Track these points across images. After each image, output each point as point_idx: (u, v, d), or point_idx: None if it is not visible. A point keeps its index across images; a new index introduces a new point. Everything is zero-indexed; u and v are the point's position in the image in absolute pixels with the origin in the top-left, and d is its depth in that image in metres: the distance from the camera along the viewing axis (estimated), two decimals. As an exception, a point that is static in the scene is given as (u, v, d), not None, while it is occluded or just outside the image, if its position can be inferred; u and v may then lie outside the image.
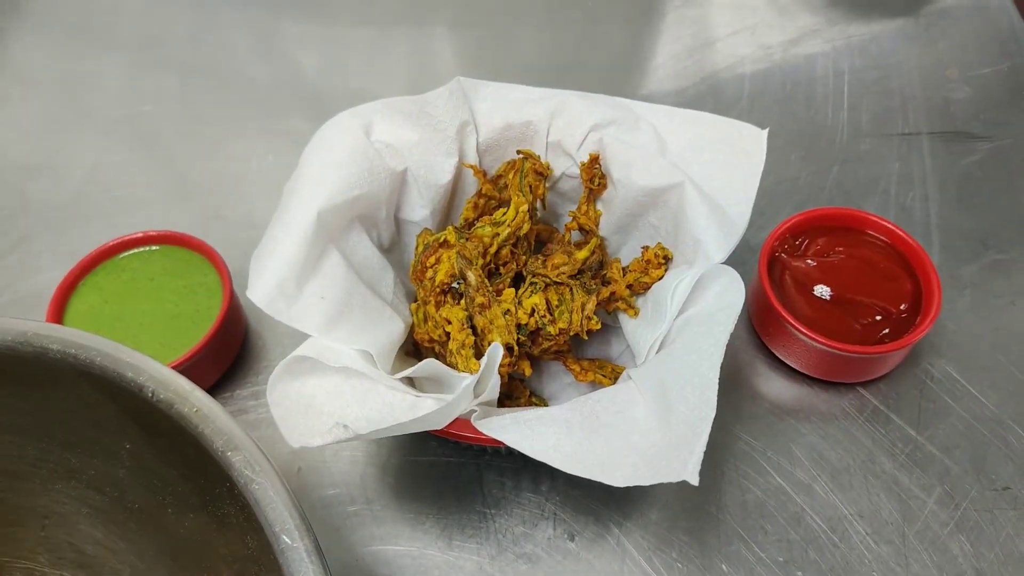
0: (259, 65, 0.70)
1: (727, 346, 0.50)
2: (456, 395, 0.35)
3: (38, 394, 0.35)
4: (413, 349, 0.46)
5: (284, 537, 0.29)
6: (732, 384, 0.48)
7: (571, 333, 0.42)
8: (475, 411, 0.37)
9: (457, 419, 0.38)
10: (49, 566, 0.39)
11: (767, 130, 0.44)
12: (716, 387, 0.34)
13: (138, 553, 0.37)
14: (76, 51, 0.72)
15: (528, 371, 0.43)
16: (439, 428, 0.38)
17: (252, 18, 0.74)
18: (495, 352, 0.37)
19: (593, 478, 0.34)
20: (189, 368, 0.44)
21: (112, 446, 0.35)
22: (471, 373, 0.38)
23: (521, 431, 0.36)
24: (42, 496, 0.38)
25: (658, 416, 0.35)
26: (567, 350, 0.45)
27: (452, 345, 0.41)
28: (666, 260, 0.43)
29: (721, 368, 0.48)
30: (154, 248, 0.50)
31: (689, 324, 0.38)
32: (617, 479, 0.33)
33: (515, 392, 0.45)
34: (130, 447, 0.35)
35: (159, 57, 0.71)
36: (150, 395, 0.32)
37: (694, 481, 0.32)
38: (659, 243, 0.44)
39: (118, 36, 0.73)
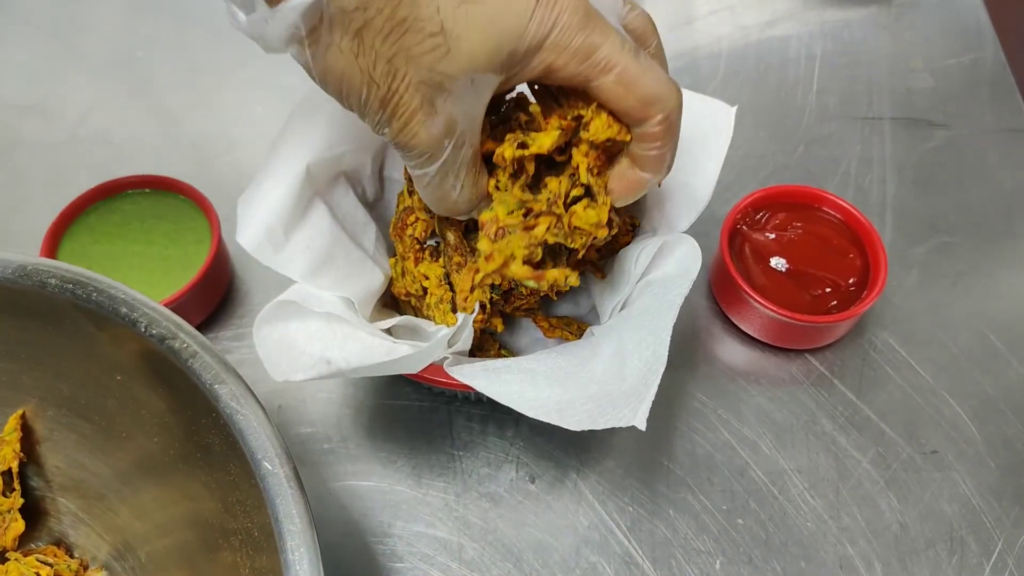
0: (251, 17, 0.71)
1: (688, 311, 0.53)
2: (432, 343, 0.38)
3: (35, 325, 0.37)
4: (391, 301, 0.49)
5: (265, 463, 0.32)
6: (690, 346, 0.51)
7: (542, 293, 0.45)
8: (447, 359, 0.40)
9: (431, 365, 0.41)
10: (37, 490, 0.41)
11: (735, 107, 0.46)
12: (667, 344, 0.37)
13: (122, 479, 0.40)
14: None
15: (500, 327, 0.46)
16: (414, 372, 0.40)
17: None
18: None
19: (551, 421, 0.37)
20: (175, 309, 0.46)
21: (103, 377, 0.37)
22: (448, 326, 0.41)
23: (489, 378, 0.39)
24: (34, 422, 0.40)
25: (614, 369, 0.38)
26: (537, 308, 0.48)
27: (430, 300, 0.44)
28: (633, 228, 0.46)
29: (680, 331, 0.52)
30: (146, 192, 0.51)
31: (649, 287, 0.41)
32: (573, 423, 0.36)
33: (486, 345, 0.48)
34: (120, 378, 0.37)
35: (154, 3, 0.71)
36: (143, 329, 0.34)
37: (641, 426, 0.35)
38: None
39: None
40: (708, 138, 0.46)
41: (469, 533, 0.44)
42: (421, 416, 0.48)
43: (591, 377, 0.39)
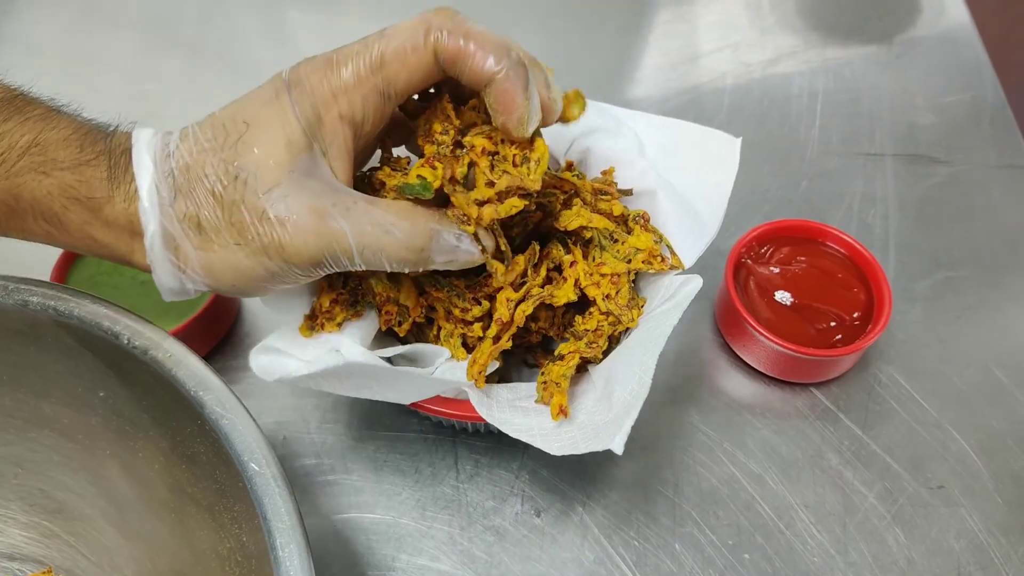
0: (264, 50, 0.72)
1: (693, 344, 0.53)
2: (448, 378, 0.39)
3: (19, 345, 0.36)
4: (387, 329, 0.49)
5: (252, 464, 0.31)
6: (695, 380, 0.51)
7: (550, 334, 0.45)
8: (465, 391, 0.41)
9: (436, 396, 0.41)
10: (22, 513, 0.41)
11: (740, 138, 0.46)
12: (652, 372, 0.37)
13: (108, 497, 0.39)
14: (86, 28, 0.74)
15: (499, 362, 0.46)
16: (422, 398, 0.41)
17: (259, 4, 0.76)
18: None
19: (534, 444, 0.38)
20: (182, 339, 0.46)
21: (86, 395, 0.37)
22: (458, 360, 0.42)
23: (482, 399, 0.40)
24: (15, 445, 0.39)
25: (602, 400, 0.39)
26: (537, 345, 0.48)
27: (441, 333, 0.44)
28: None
29: (685, 364, 0.52)
30: (155, 222, 0.52)
31: (645, 321, 0.42)
32: (555, 448, 0.37)
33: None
34: (104, 395, 0.36)
35: (167, 37, 0.73)
36: (126, 342, 0.34)
37: (618, 451, 0.35)
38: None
39: (128, 15, 0.75)
40: (713, 167, 0.46)
41: (474, 567, 0.44)
42: (425, 448, 0.48)
43: (581, 409, 0.40)
